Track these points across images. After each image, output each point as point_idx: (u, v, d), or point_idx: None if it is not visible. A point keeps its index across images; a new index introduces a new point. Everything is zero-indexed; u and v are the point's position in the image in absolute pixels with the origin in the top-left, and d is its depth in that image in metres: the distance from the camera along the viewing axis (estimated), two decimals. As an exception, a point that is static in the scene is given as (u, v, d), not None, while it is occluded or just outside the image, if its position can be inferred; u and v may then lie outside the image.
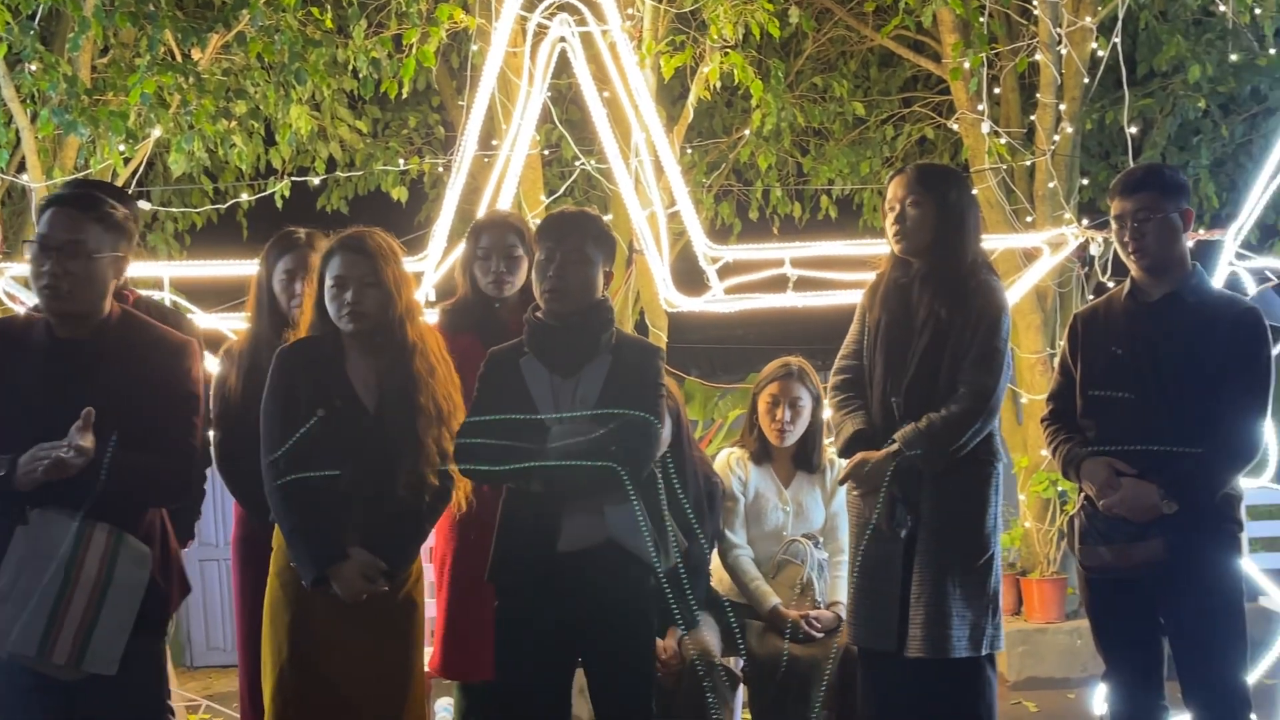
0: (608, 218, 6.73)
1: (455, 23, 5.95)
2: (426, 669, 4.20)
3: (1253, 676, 3.98)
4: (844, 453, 3.89)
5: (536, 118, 5.41)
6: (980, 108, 6.69)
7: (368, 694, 3.46)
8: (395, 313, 3.50)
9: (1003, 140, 6.80)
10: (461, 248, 4.26)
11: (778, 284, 5.41)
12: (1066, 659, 6.25)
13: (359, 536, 3.43)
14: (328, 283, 3.50)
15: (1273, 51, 7.70)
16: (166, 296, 5.04)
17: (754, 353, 4.75)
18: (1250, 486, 4.66)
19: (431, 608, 4.11)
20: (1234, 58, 7.81)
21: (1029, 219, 6.85)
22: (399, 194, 8.16)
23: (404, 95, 6.85)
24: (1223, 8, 7.04)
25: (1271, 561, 5.61)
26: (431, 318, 4.36)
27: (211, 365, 4.07)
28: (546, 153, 7.45)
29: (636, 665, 3.58)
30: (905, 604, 3.75)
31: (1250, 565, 4.92)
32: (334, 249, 3.53)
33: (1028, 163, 6.94)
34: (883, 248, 3.99)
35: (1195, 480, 3.56)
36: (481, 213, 5.11)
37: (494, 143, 5.68)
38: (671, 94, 7.80)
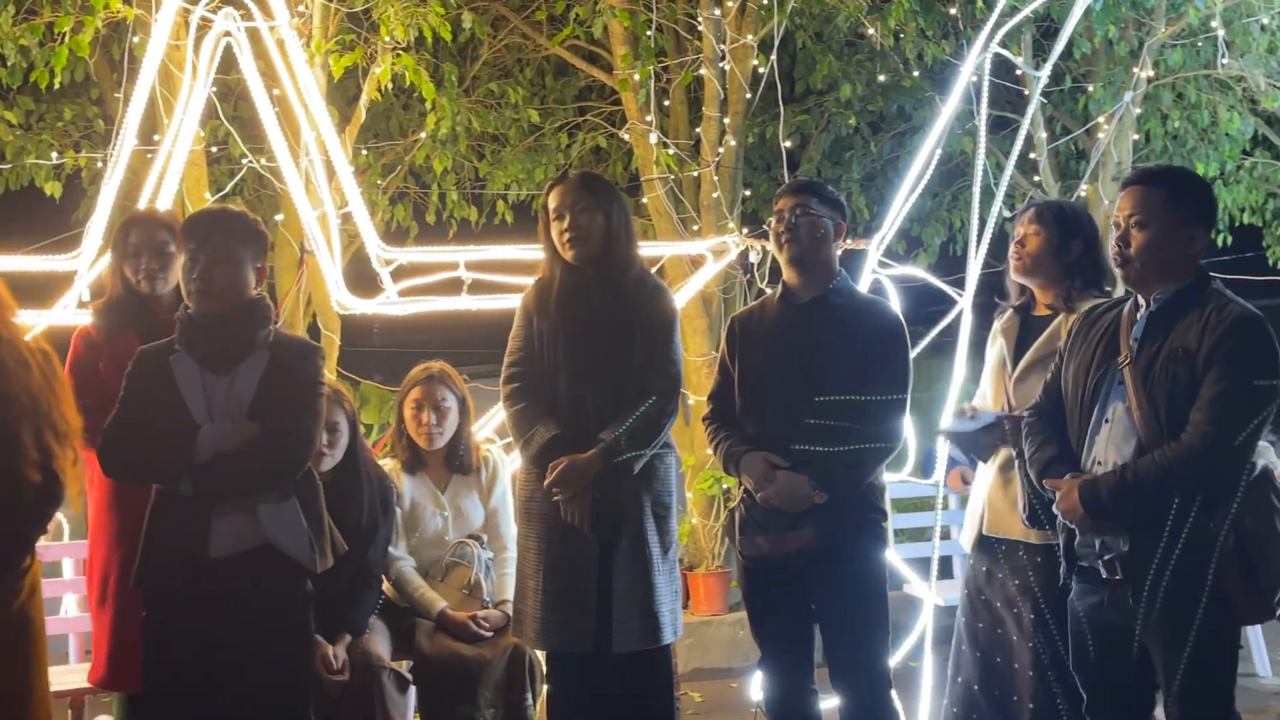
0: (278, 218, 6.62)
1: (113, 12, 5.69)
2: (86, 682, 4.03)
3: (895, 660, 4.25)
4: (539, 460, 3.85)
5: (200, 113, 5.23)
6: (649, 119, 6.89)
7: None
8: None
9: (671, 151, 7.02)
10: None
11: (454, 287, 5.42)
12: (730, 649, 6.49)
13: None
14: None
15: (916, 74, 8.26)
16: None
17: (438, 357, 4.73)
18: (893, 480, 4.96)
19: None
20: (882, 78, 8.34)
21: (695, 227, 7.09)
22: (53, 189, 7.73)
23: (57, 86, 6.50)
24: (871, 31, 7.49)
25: (914, 551, 5.97)
26: (85, 318, 4.19)
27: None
28: (214, 150, 7.21)
29: (293, 676, 3.52)
30: (604, 603, 3.79)
31: (894, 555, 5.26)
32: None
33: (694, 173, 7.18)
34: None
35: (843, 472, 3.76)
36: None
37: (156, 138, 5.46)
38: (347, 94, 7.69)
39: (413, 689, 4.25)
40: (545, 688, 4.15)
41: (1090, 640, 3.44)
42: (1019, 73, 6.92)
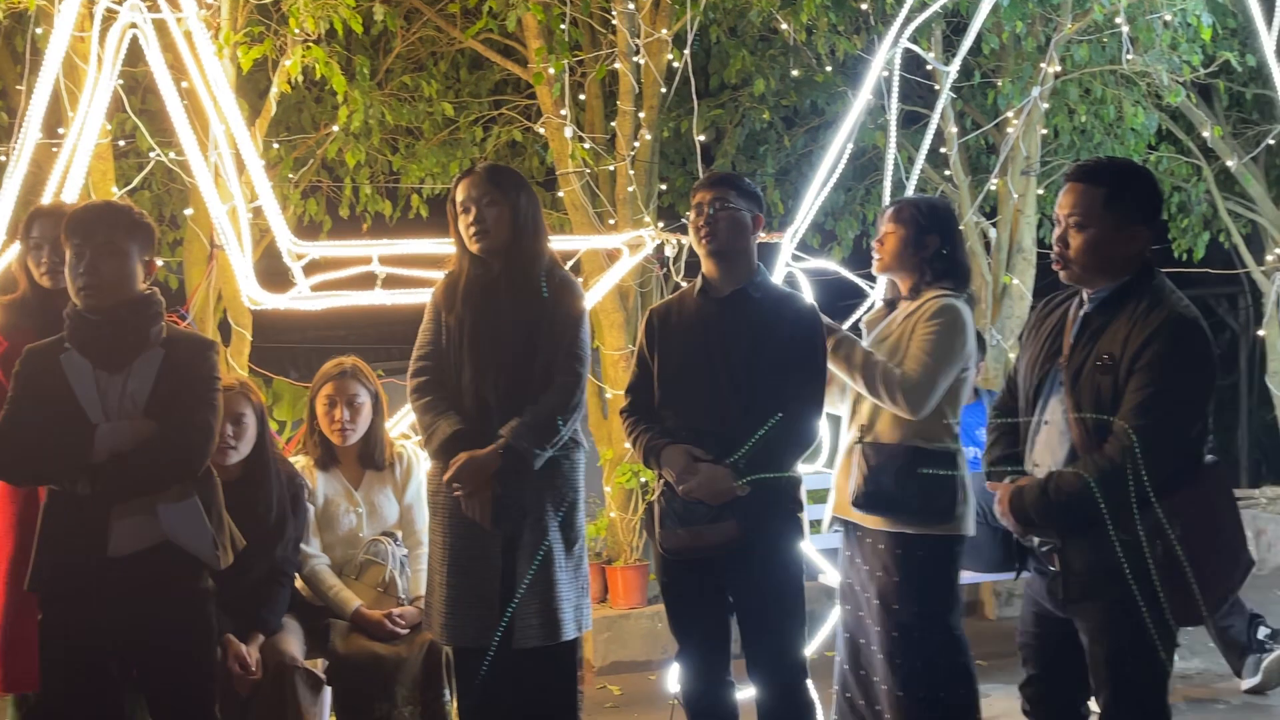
0: (188, 212, 6.53)
1: (14, 3, 5.57)
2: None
3: (810, 650, 4.30)
4: (441, 455, 3.84)
5: (106, 106, 5.14)
6: (564, 113, 6.88)
7: None
8: None
9: (586, 145, 7.01)
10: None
11: (368, 282, 5.37)
12: (648, 642, 6.50)
13: None
14: None
15: (829, 69, 8.33)
16: None
17: (354, 353, 4.70)
18: (807, 471, 5.01)
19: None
20: (795, 73, 8.39)
21: (611, 221, 7.09)
22: (-48, 184, 7.54)
23: (-43, 78, 6.37)
24: (784, 26, 7.54)
25: (827, 541, 6.00)
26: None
27: None
28: (121, 143, 7.08)
29: (196, 673, 3.48)
30: (507, 598, 3.79)
31: (808, 546, 5.30)
32: None
33: (610, 167, 7.18)
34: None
35: (763, 464, 3.79)
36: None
37: (60, 131, 5.35)
38: (257, 87, 7.59)
39: (327, 689, 4.21)
40: (458, 683, 4.14)
41: (1034, 625, 3.53)
42: (929, 68, 6.99)
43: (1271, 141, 9.46)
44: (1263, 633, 5.62)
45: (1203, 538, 3.19)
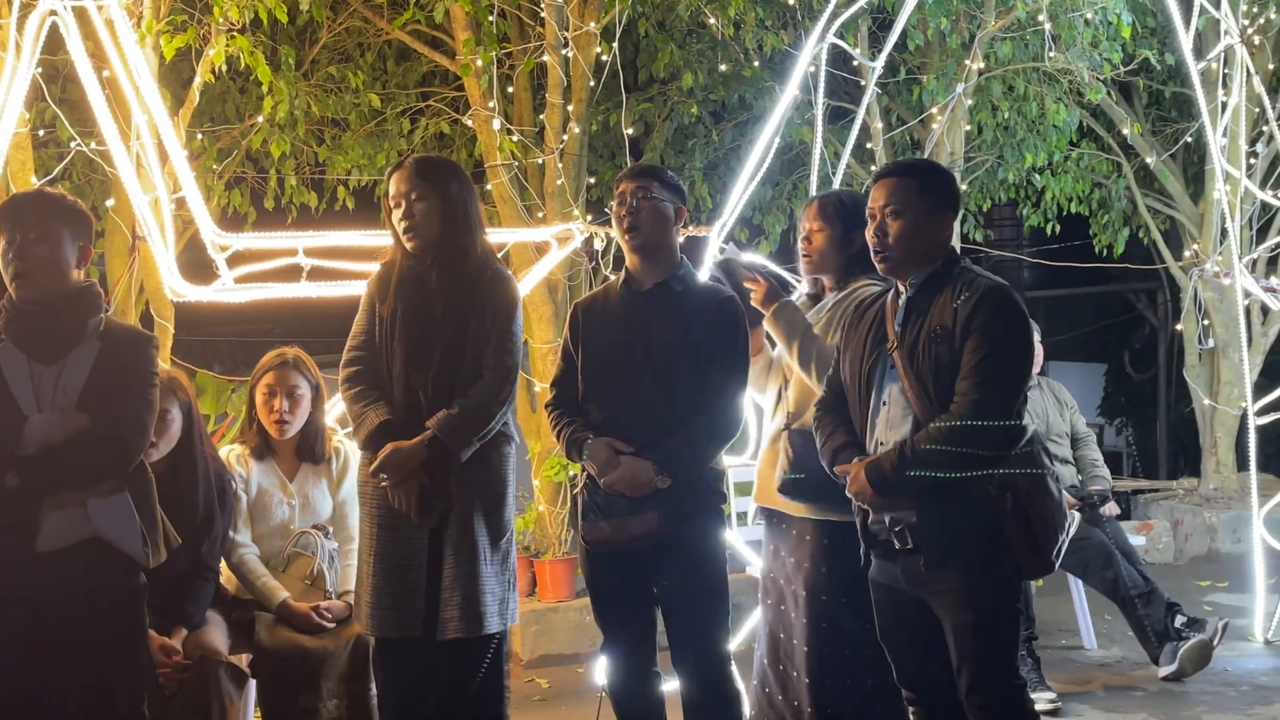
0: (109, 203, 6.43)
1: (-70, -11, 5.45)
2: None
3: (736, 641, 4.33)
4: (369, 445, 3.85)
5: (25, 95, 5.05)
6: (492, 105, 6.86)
7: None
8: None
9: (515, 138, 7.00)
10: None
11: (293, 274, 5.32)
12: (576, 635, 6.51)
13: None
14: None
15: (756, 64, 8.37)
16: None
17: (279, 347, 4.67)
18: (734, 464, 5.04)
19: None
20: (723, 68, 8.43)
21: (540, 214, 7.09)
22: None
23: None
24: (712, 21, 7.57)
25: (756, 533, 6.02)
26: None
27: None
28: (41, 133, 6.96)
29: (124, 671, 3.44)
30: (433, 590, 3.79)
31: (736, 537, 5.34)
32: None
33: (539, 160, 7.17)
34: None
35: (685, 456, 3.82)
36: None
37: (-23, 120, 5.25)
38: (181, 76, 7.49)
39: (252, 683, 4.18)
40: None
41: (891, 612, 3.59)
42: (855, 64, 7.06)
43: (1189, 139, 9.65)
44: (1179, 621, 5.74)
45: (1040, 491, 3.37)
